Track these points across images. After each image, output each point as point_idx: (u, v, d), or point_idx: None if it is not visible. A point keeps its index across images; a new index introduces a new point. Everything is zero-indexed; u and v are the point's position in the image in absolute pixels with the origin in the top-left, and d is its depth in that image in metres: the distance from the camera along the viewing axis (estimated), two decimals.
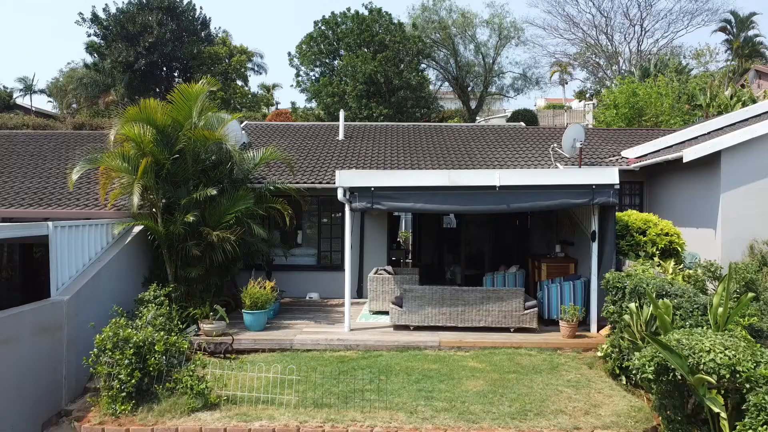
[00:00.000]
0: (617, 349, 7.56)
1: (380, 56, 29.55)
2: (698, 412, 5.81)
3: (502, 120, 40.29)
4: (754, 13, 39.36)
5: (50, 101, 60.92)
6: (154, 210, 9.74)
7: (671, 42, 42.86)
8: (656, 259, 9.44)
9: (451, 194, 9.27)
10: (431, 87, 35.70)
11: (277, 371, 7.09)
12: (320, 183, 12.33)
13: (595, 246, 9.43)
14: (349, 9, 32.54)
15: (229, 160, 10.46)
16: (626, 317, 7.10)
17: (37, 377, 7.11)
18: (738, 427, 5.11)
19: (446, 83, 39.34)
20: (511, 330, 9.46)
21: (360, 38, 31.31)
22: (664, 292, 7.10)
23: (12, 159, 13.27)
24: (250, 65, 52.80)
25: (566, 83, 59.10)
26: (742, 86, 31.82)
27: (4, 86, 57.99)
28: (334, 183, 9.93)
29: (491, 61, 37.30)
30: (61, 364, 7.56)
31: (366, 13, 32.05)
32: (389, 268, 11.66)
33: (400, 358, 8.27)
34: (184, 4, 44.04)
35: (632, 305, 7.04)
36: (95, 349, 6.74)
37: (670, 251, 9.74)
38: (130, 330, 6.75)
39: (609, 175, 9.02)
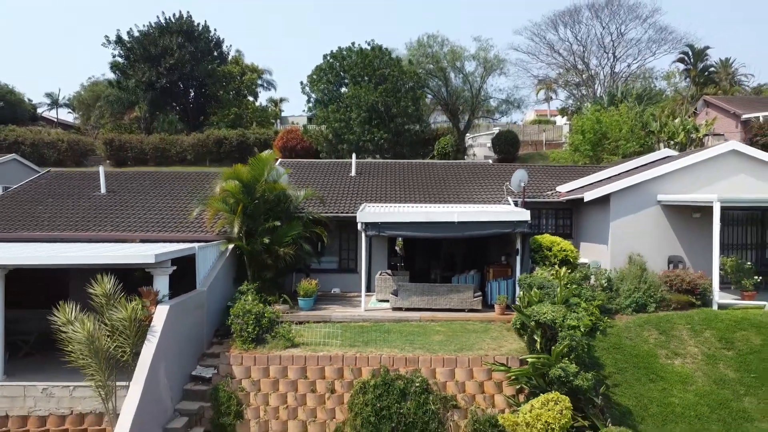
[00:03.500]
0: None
1: (381, 88, 35.04)
2: (543, 348, 11.53)
3: (488, 138, 46.20)
4: (707, 47, 45.00)
5: (70, 112, 66.18)
6: (240, 235, 15.38)
7: (642, 66, 47.89)
8: (556, 267, 15.09)
9: (428, 226, 14.93)
10: (426, 100, 41.25)
11: (328, 329, 12.83)
12: (341, 213, 17.91)
13: (518, 258, 15.10)
14: (353, 44, 37.97)
15: (287, 200, 16.12)
16: (518, 299, 12.80)
17: (195, 334, 12.80)
18: (553, 349, 10.81)
19: (439, 106, 45.05)
20: (465, 310, 15.10)
21: (363, 71, 36.75)
22: (542, 286, 12.82)
23: (123, 195, 18.80)
24: (260, 82, 58.10)
25: (551, 99, 65.13)
26: (695, 113, 37.19)
27: (28, 99, 63.54)
28: (350, 212, 15.66)
29: (478, 88, 42.97)
30: (203, 328, 13.25)
31: (369, 48, 37.50)
32: (389, 271, 17.31)
33: (396, 326, 13.94)
34: (200, 28, 48.89)
35: (521, 292, 12.78)
36: (231, 316, 12.48)
37: (566, 261, 15.42)
38: (249, 305, 12.47)
39: (524, 215, 14.67)
